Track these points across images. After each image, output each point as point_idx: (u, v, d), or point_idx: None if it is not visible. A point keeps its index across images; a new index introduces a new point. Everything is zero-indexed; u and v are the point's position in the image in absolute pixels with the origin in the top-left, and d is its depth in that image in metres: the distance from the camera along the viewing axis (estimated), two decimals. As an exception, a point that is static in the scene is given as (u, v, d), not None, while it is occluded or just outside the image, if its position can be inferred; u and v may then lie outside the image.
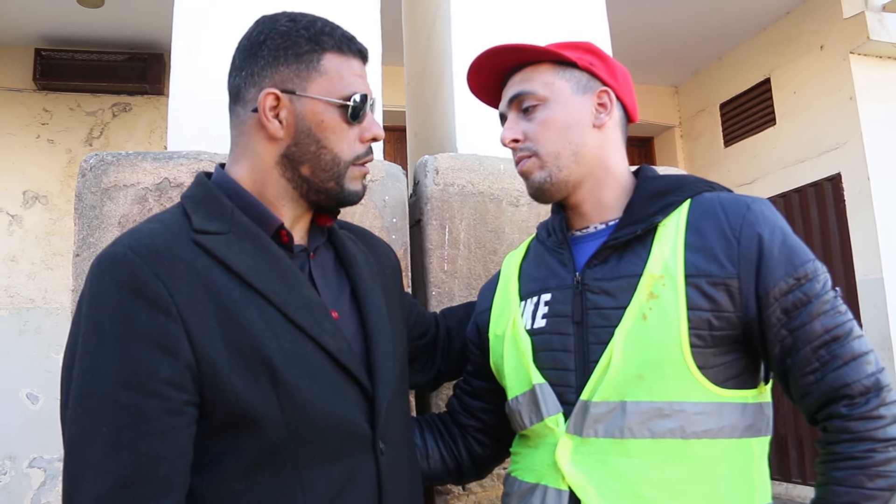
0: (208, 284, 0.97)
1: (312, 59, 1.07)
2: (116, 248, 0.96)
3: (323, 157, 1.07)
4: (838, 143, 4.18)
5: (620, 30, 2.82)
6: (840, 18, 4.12)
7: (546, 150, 1.18)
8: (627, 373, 1.06)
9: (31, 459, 4.02)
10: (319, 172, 1.08)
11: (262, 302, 0.99)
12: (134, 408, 0.89)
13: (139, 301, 0.92)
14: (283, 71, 1.06)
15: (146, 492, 0.88)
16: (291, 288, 1.03)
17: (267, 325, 0.98)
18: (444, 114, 2.05)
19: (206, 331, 0.94)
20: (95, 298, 0.94)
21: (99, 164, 1.53)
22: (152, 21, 4.13)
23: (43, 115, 4.43)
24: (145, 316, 0.92)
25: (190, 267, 0.97)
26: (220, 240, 1.01)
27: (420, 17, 2.36)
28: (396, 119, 2.97)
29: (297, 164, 1.07)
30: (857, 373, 1.02)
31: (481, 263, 1.71)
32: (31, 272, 4.22)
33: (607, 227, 1.19)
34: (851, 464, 0.99)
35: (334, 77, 1.07)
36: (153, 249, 0.95)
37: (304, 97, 1.06)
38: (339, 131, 1.07)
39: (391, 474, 1.06)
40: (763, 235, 1.06)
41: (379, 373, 1.08)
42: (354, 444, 1.03)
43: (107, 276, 0.94)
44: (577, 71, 1.21)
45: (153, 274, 0.93)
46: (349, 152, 1.09)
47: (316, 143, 1.07)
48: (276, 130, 1.06)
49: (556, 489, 1.09)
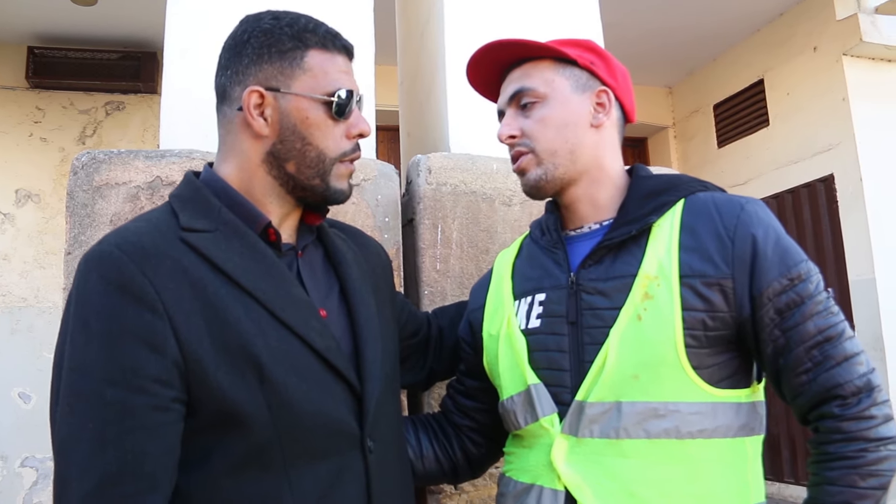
0: (195, 282, 0.96)
1: (296, 56, 1.06)
2: (103, 245, 0.96)
3: (308, 154, 1.07)
4: (831, 144, 4.19)
5: (615, 30, 2.83)
6: (833, 20, 4.14)
7: (543, 148, 1.18)
8: (622, 373, 1.06)
9: (23, 459, 4.01)
10: (305, 169, 1.07)
11: (249, 300, 0.99)
12: (120, 404, 0.89)
13: (126, 298, 0.92)
14: (267, 69, 1.06)
15: (132, 489, 0.88)
16: (279, 286, 1.02)
17: (254, 322, 0.98)
18: (437, 113, 2.05)
19: (193, 328, 0.94)
20: (82, 296, 0.94)
21: (91, 163, 1.52)
22: (146, 19, 4.11)
23: (36, 113, 4.41)
24: (132, 313, 0.92)
25: (177, 264, 0.96)
26: (208, 238, 1.01)
27: (413, 17, 2.36)
28: (389, 118, 2.97)
29: (283, 162, 1.07)
30: (849, 373, 1.02)
31: (474, 263, 1.71)
32: (23, 271, 4.21)
33: (602, 227, 1.19)
34: (844, 463, 1.00)
35: (318, 73, 1.07)
36: (140, 247, 0.95)
37: (288, 94, 1.06)
38: (323, 128, 1.07)
39: (380, 472, 1.06)
40: (757, 236, 1.06)
41: (367, 371, 1.08)
42: (342, 442, 1.03)
43: (94, 273, 0.94)
44: (577, 69, 1.20)
45: (140, 271, 0.93)
46: (335, 149, 1.08)
47: (301, 139, 1.06)
48: (261, 128, 1.06)
49: (553, 489, 1.09)
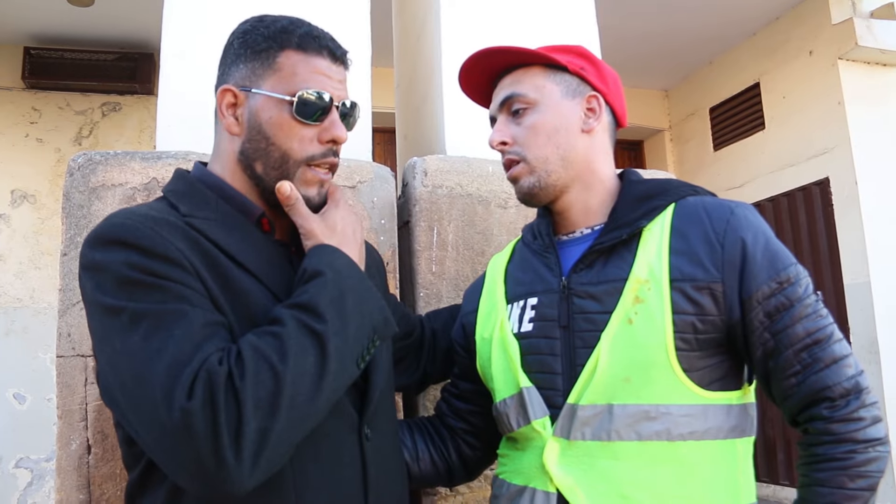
0: (206, 252, 0.97)
1: (269, 56, 1.06)
2: (113, 220, 0.94)
3: (272, 154, 1.06)
4: (827, 147, 4.21)
5: (611, 33, 2.83)
6: (829, 24, 4.15)
7: (534, 155, 1.19)
8: (614, 376, 1.06)
9: (17, 460, 3.99)
10: (270, 171, 1.06)
11: (254, 280, 1.00)
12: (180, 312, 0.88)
13: (153, 258, 0.90)
14: (242, 68, 1.07)
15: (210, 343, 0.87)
16: (282, 272, 1.04)
17: (260, 296, 0.99)
18: (433, 116, 2.06)
19: (215, 293, 0.94)
20: (104, 265, 0.90)
21: (87, 164, 1.52)
22: (143, 20, 4.12)
23: (32, 113, 4.40)
24: (163, 268, 0.90)
25: (187, 234, 0.97)
26: (210, 224, 1.01)
27: (410, 20, 2.36)
28: (386, 121, 2.97)
29: (252, 161, 1.07)
30: (837, 375, 1.03)
31: (469, 265, 1.72)
32: (18, 271, 4.20)
33: (593, 232, 1.20)
34: (833, 465, 1.00)
35: (287, 74, 1.05)
36: (150, 217, 0.95)
37: (257, 94, 1.06)
38: (286, 128, 1.05)
39: (376, 461, 1.06)
40: (746, 240, 1.07)
41: (374, 362, 1.08)
42: (341, 424, 1.03)
43: (113, 244, 0.91)
44: (568, 75, 1.21)
45: (159, 235, 0.92)
46: (300, 151, 1.06)
47: (265, 139, 1.06)
48: (231, 126, 1.07)
49: (545, 492, 1.10)
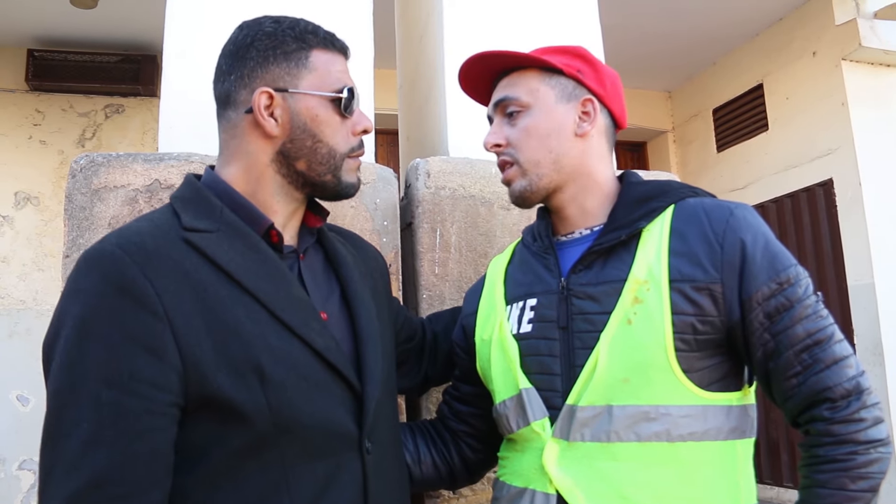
0: (195, 283, 0.97)
1: (301, 57, 1.09)
2: (105, 245, 0.96)
3: (319, 151, 1.10)
4: (830, 148, 4.20)
5: (614, 34, 2.83)
6: (832, 25, 4.14)
7: (526, 158, 1.19)
8: (613, 377, 1.06)
9: (20, 462, 4.00)
10: (316, 166, 1.10)
11: (250, 300, 1.00)
12: (115, 406, 0.89)
13: (126, 299, 0.92)
14: (274, 70, 1.08)
15: (121, 491, 0.88)
16: (280, 287, 1.03)
17: (254, 323, 0.98)
18: (435, 117, 2.06)
19: (193, 331, 0.94)
20: (81, 294, 0.93)
21: (89, 165, 1.52)
22: (146, 22, 4.12)
23: (35, 115, 4.41)
24: (132, 315, 0.92)
25: (178, 266, 0.97)
26: (210, 237, 1.01)
27: (413, 21, 2.36)
28: (388, 122, 2.97)
29: (293, 160, 1.09)
30: (838, 376, 1.02)
31: (472, 267, 1.72)
32: (21, 273, 4.21)
33: (592, 233, 1.20)
34: (834, 466, 1.00)
35: (324, 72, 1.10)
36: (142, 247, 0.96)
37: (297, 94, 1.08)
38: (332, 124, 1.10)
39: (377, 473, 1.06)
40: (746, 241, 1.07)
41: (368, 372, 1.08)
42: (341, 442, 1.03)
43: (94, 272, 0.94)
44: (564, 78, 1.21)
45: (141, 273, 0.93)
46: (344, 145, 1.12)
47: (312, 137, 1.09)
48: (272, 128, 1.08)
49: (545, 493, 1.10)
